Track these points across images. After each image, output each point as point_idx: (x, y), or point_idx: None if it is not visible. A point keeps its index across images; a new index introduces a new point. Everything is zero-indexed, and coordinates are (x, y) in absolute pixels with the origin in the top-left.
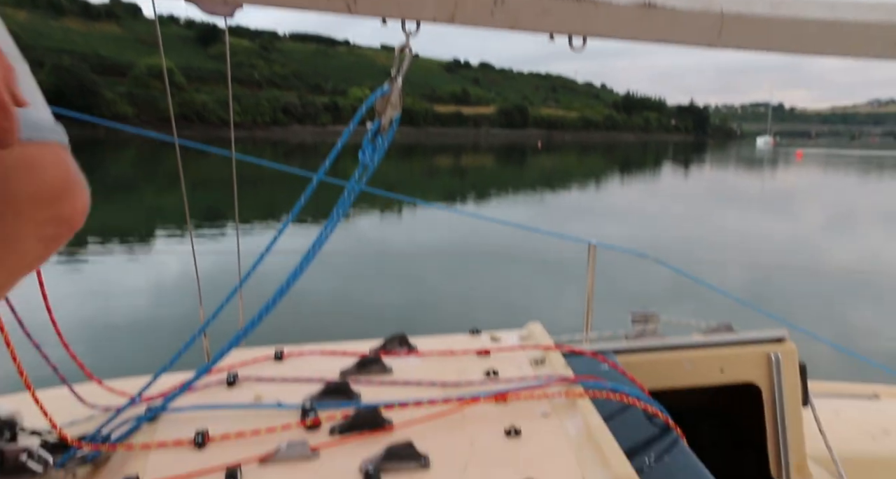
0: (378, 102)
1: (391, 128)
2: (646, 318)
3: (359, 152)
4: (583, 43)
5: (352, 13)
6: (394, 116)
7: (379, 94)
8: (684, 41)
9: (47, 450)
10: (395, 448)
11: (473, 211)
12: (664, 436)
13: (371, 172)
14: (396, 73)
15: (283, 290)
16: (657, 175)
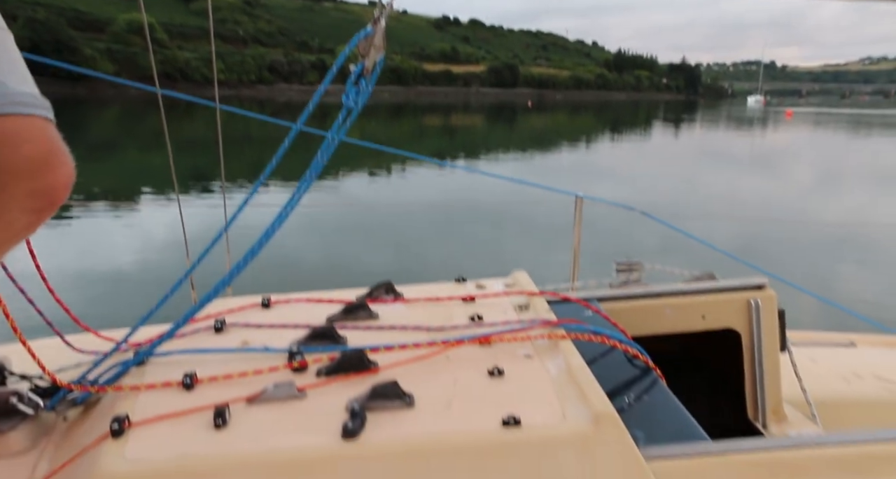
0: (361, 45)
1: (375, 71)
2: (630, 267)
3: (342, 96)
4: None
5: None
6: (377, 59)
7: (362, 35)
8: None
9: (37, 394)
10: (381, 388)
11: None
12: (644, 377)
13: (355, 116)
14: (379, 15)
15: (268, 233)
16: (648, 135)
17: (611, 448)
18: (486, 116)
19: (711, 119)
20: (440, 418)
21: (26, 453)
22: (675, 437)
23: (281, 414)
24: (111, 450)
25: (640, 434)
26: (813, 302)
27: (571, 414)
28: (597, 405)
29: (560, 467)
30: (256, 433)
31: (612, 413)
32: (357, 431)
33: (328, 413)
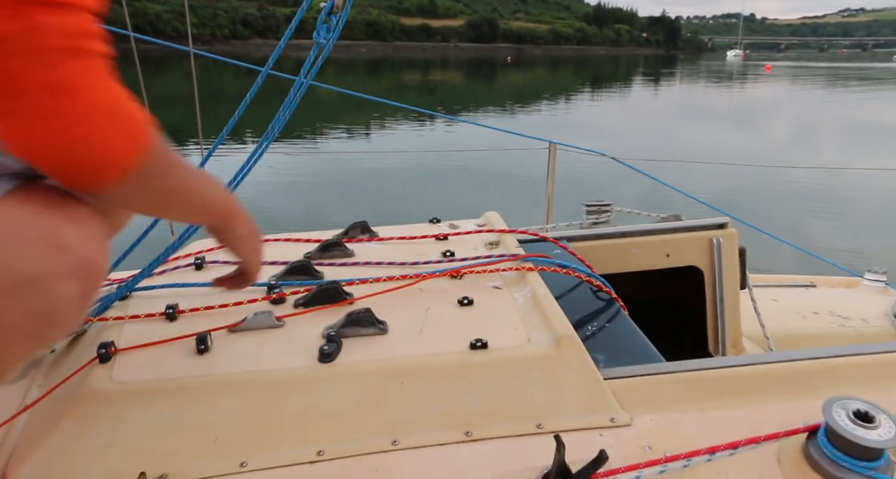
0: None
1: (345, 7)
2: (599, 208)
3: (313, 34)
4: None
5: None
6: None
7: None
8: None
9: None
10: (355, 315)
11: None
12: (608, 308)
13: (326, 54)
14: None
15: (243, 169)
16: (627, 90)
17: (571, 368)
18: (465, 72)
19: (691, 74)
20: (412, 342)
21: (17, 382)
22: (635, 361)
23: (261, 341)
24: (98, 373)
25: (601, 358)
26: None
27: (535, 338)
28: (559, 329)
29: (524, 385)
30: (237, 358)
31: (573, 335)
32: (333, 355)
33: (306, 340)
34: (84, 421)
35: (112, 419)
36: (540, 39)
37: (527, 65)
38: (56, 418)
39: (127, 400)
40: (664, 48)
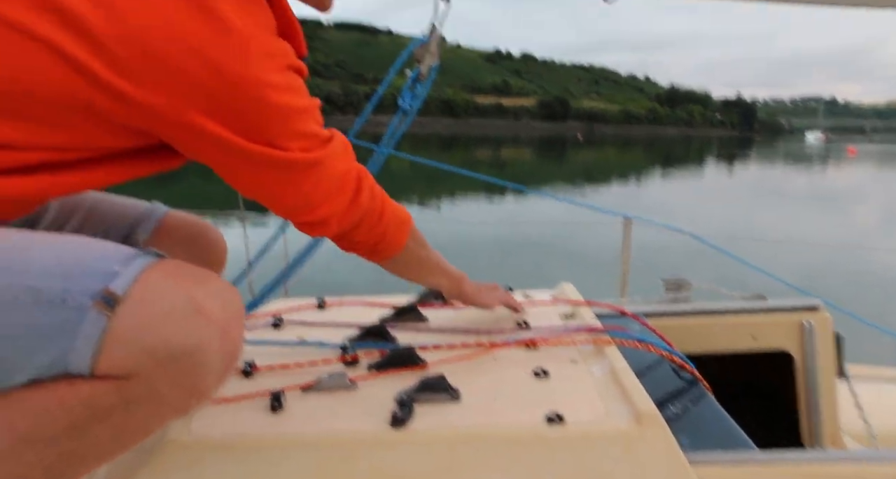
0: (417, 51)
1: (430, 76)
2: (678, 285)
3: (398, 100)
4: None
5: None
6: (432, 65)
7: (418, 43)
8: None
9: None
10: (429, 381)
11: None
12: (692, 389)
13: (410, 121)
14: (435, 23)
15: None
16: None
17: (653, 447)
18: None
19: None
20: (485, 411)
21: None
22: (723, 447)
23: (333, 402)
24: (177, 425)
25: (684, 440)
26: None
27: (614, 413)
28: (639, 405)
29: (602, 463)
30: (310, 418)
31: (655, 412)
32: (405, 419)
33: (378, 403)
34: (162, 471)
35: (188, 471)
36: (611, 118)
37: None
38: (135, 466)
39: (203, 453)
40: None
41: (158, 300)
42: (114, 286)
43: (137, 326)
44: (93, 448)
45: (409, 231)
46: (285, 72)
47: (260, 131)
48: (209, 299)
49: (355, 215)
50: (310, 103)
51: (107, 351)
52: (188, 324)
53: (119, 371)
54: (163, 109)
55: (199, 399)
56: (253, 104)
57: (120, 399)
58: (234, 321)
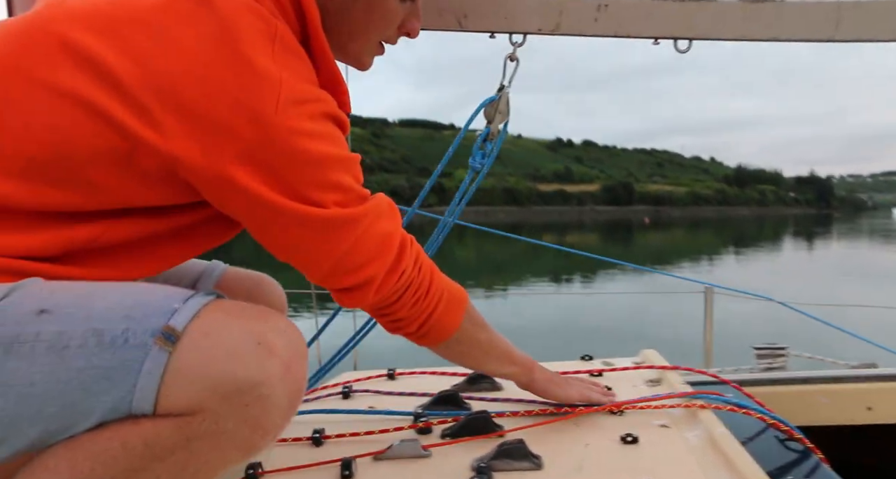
0: (486, 110)
1: (500, 135)
2: (773, 353)
3: (469, 159)
4: (688, 45)
5: (462, 28)
6: (502, 123)
7: (488, 101)
8: (796, 36)
9: None
10: (508, 447)
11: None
12: (804, 460)
13: (481, 179)
14: (504, 82)
15: None
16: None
17: None
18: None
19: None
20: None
21: None
22: None
23: (406, 470)
24: None
25: None
26: None
27: None
28: (746, 473)
29: None
30: None
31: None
32: None
33: (453, 471)
34: None
35: None
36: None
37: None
38: None
39: None
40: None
41: (220, 335)
42: (174, 322)
43: (200, 361)
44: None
45: (465, 311)
46: (320, 119)
47: (291, 181)
48: (271, 333)
49: (396, 283)
50: (347, 155)
51: (169, 387)
52: (252, 358)
53: (182, 408)
54: (195, 161)
55: (263, 436)
56: (282, 151)
57: (182, 437)
58: (298, 358)
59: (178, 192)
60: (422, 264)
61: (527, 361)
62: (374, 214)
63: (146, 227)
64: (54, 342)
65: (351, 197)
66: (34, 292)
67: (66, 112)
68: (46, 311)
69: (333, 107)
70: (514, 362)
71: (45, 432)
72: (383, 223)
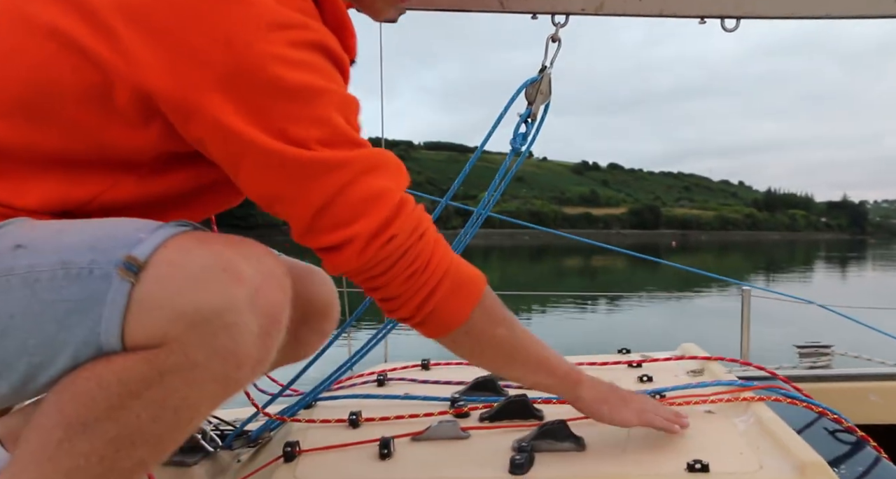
0: (528, 91)
1: (542, 116)
2: (817, 351)
3: (510, 141)
4: (736, 24)
5: (504, 9)
6: (544, 104)
7: (529, 82)
8: (851, 12)
9: (217, 433)
10: (550, 428)
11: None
12: (859, 450)
13: (522, 160)
14: (546, 63)
15: None
16: (808, 276)
17: None
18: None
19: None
20: (615, 461)
21: None
22: None
23: (445, 450)
24: (283, 471)
25: None
26: None
27: (770, 464)
28: (802, 455)
29: None
30: (421, 465)
31: (822, 462)
32: (525, 466)
33: (493, 452)
34: None
35: None
36: (706, 225)
37: (693, 249)
38: None
39: None
40: (848, 233)
41: (185, 263)
42: (136, 252)
43: (163, 290)
44: (138, 432)
45: (478, 299)
46: (305, 48)
47: (268, 114)
48: (239, 259)
49: (384, 248)
50: (338, 91)
51: (134, 318)
52: (216, 284)
53: (149, 340)
54: (167, 91)
55: (238, 368)
56: (259, 79)
57: (154, 371)
58: (269, 284)
59: (164, 135)
60: (424, 233)
61: (570, 373)
62: (366, 164)
63: (144, 189)
64: (26, 276)
65: (339, 138)
66: (16, 230)
67: (45, 47)
68: (21, 246)
69: (326, 39)
70: (551, 373)
71: (30, 364)
72: (378, 177)
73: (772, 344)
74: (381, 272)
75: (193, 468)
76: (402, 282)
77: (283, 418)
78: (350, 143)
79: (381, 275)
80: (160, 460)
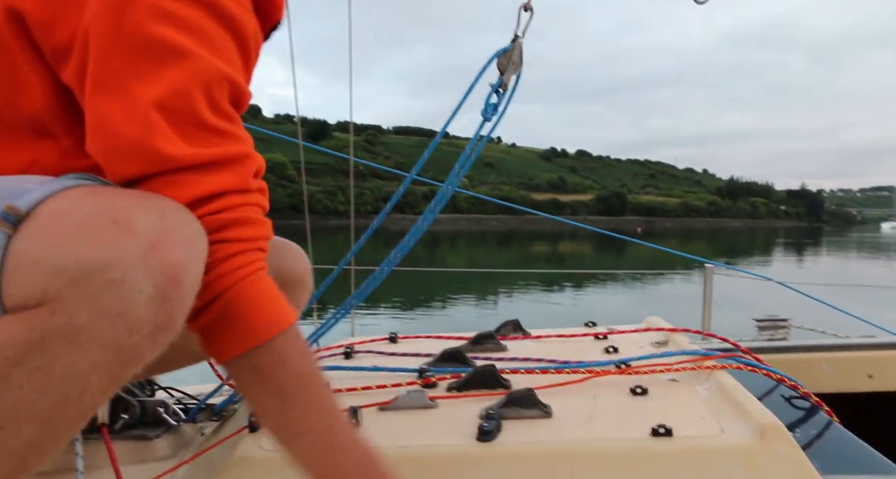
0: (500, 60)
1: (513, 86)
2: (775, 325)
3: (480, 112)
4: None
5: None
6: (516, 74)
7: (501, 52)
8: None
9: (180, 407)
10: (517, 396)
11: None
12: (813, 414)
13: (493, 130)
14: (518, 32)
15: (391, 260)
16: (768, 261)
17: (781, 465)
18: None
19: (840, 246)
20: (581, 427)
21: (167, 459)
22: (863, 472)
23: (413, 419)
24: (247, 441)
25: (816, 465)
26: None
27: (730, 429)
28: (761, 419)
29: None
30: (388, 434)
31: (779, 425)
32: (493, 433)
33: (461, 420)
34: None
35: None
36: (670, 212)
37: (658, 235)
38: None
39: (274, 468)
40: (806, 220)
41: (73, 214)
42: (18, 203)
43: (42, 242)
44: (22, 405)
45: (253, 345)
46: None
47: (115, 66)
48: (135, 210)
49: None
50: (206, 59)
51: (11, 273)
52: (103, 236)
53: (29, 298)
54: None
55: (131, 333)
56: (121, 24)
57: (35, 335)
58: (169, 239)
59: (60, 87)
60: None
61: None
62: (198, 160)
63: (69, 166)
64: None
65: (181, 115)
66: None
67: None
68: None
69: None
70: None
71: None
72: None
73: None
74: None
75: (155, 441)
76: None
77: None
78: (202, 128)
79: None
80: (55, 442)
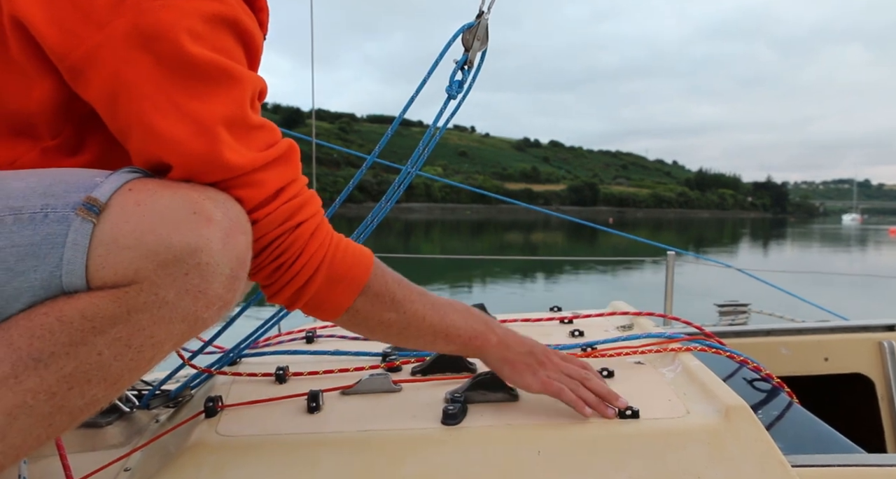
0: (464, 36)
1: (479, 63)
2: (736, 310)
3: (445, 88)
4: None
5: None
6: (481, 51)
7: (466, 27)
8: None
9: (133, 393)
10: (482, 379)
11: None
12: (775, 395)
13: (456, 109)
14: (483, 8)
15: None
16: (735, 251)
17: (747, 445)
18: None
19: (803, 236)
20: (548, 410)
21: (120, 447)
22: (824, 451)
23: (376, 403)
24: (203, 426)
25: (780, 445)
26: None
27: (696, 410)
28: (726, 399)
29: (687, 462)
30: (351, 418)
31: (744, 405)
32: (458, 416)
33: (425, 404)
34: (185, 472)
35: (214, 472)
36: (641, 203)
37: (629, 226)
38: (157, 468)
39: (231, 453)
40: (771, 212)
41: (153, 204)
42: (96, 193)
43: (132, 229)
44: (97, 369)
45: (359, 288)
46: (217, 24)
47: (168, 89)
48: (208, 202)
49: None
50: (249, 76)
51: (99, 258)
52: (188, 225)
53: (118, 279)
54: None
55: (207, 307)
56: (166, 47)
57: (122, 309)
58: (237, 229)
59: (57, 93)
60: (301, 224)
61: (474, 339)
62: (261, 162)
63: (55, 163)
64: None
65: (241, 127)
66: None
67: None
68: None
69: (240, 14)
70: (450, 341)
71: None
72: (263, 172)
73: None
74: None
75: (107, 428)
76: (269, 274)
77: (207, 369)
78: (252, 130)
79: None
80: (111, 399)
